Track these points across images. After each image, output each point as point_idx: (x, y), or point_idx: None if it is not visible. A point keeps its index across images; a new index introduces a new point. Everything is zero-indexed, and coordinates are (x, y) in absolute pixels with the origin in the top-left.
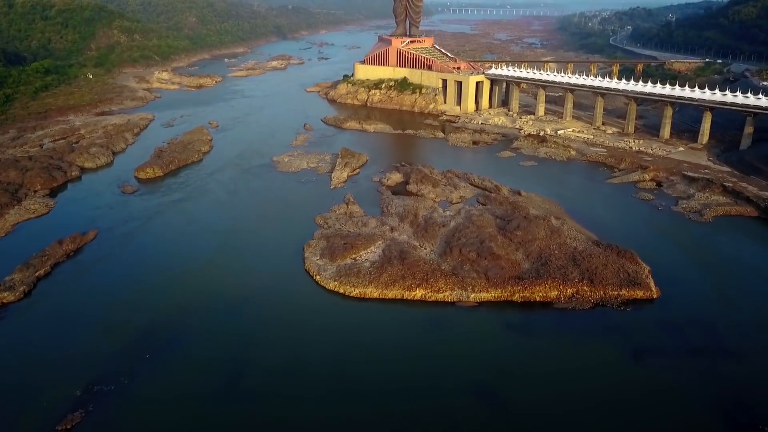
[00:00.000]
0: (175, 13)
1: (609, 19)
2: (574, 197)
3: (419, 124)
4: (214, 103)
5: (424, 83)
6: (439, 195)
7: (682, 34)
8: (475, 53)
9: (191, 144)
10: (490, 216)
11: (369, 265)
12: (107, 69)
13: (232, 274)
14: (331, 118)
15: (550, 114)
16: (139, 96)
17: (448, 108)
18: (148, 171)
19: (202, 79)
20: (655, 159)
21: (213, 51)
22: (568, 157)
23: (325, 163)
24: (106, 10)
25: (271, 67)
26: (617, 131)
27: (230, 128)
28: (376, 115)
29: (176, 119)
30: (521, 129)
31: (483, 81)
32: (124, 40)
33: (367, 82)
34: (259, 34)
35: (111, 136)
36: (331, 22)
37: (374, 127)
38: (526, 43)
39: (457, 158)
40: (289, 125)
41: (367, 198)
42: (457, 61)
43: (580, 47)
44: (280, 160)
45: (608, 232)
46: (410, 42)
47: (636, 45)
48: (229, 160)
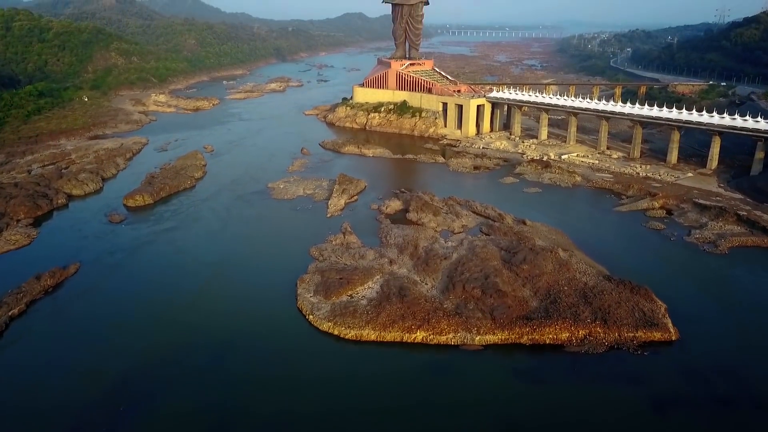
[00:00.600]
0: (175, 35)
1: (608, 41)
2: (581, 226)
3: (419, 149)
4: (210, 127)
5: (424, 106)
6: (440, 224)
7: (683, 57)
8: (475, 75)
9: (184, 169)
10: (494, 247)
11: (366, 302)
12: (103, 91)
13: (219, 313)
14: (329, 142)
15: (552, 137)
16: (134, 119)
17: (449, 132)
18: (137, 198)
19: (199, 102)
20: (663, 185)
21: (212, 73)
22: (574, 183)
23: (321, 190)
24: (104, 33)
25: (269, 90)
26: (623, 156)
27: (225, 153)
28: (376, 138)
29: (171, 143)
30: (524, 153)
31: (484, 104)
32: (122, 63)
33: (366, 106)
34: (259, 56)
35: (102, 161)
36: (331, 44)
37: (373, 151)
38: (525, 64)
39: (458, 184)
40: (286, 149)
41: (365, 227)
42: (457, 83)
43: (580, 69)
44: (275, 186)
45: (619, 265)
46: (410, 65)
47: (637, 67)
48: (222, 187)
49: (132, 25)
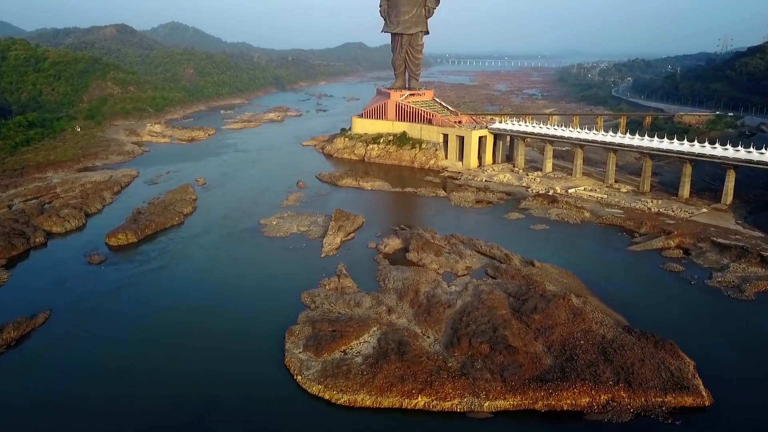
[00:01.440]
0: (173, 65)
1: (608, 70)
2: (593, 268)
3: (419, 181)
4: (205, 158)
5: (425, 138)
6: (442, 265)
7: (687, 86)
8: (476, 105)
9: (173, 204)
10: (501, 293)
11: (361, 360)
12: (97, 122)
13: (198, 370)
14: (326, 174)
15: (558, 169)
16: (126, 150)
17: (450, 164)
18: (120, 237)
19: (195, 132)
20: (677, 222)
21: (210, 102)
22: (582, 220)
23: (316, 227)
24: (101, 62)
25: (267, 119)
26: (632, 189)
27: (218, 186)
28: (374, 170)
29: (162, 175)
30: (529, 187)
31: (486, 135)
32: (118, 92)
33: (365, 137)
34: (258, 85)
35: (88, 196)
36: (331, 73)
37: (371, 184)
38: (526, 94)
39: (460, 220)
40: (282, 182)
41: (362, 268)
42: (458, 114)
43: (581, 98)
44: (268, 222)
45: (637, 313)
46: (410, 95)
47: (640, 96)
48: (212, 223)
49: (131, 54)
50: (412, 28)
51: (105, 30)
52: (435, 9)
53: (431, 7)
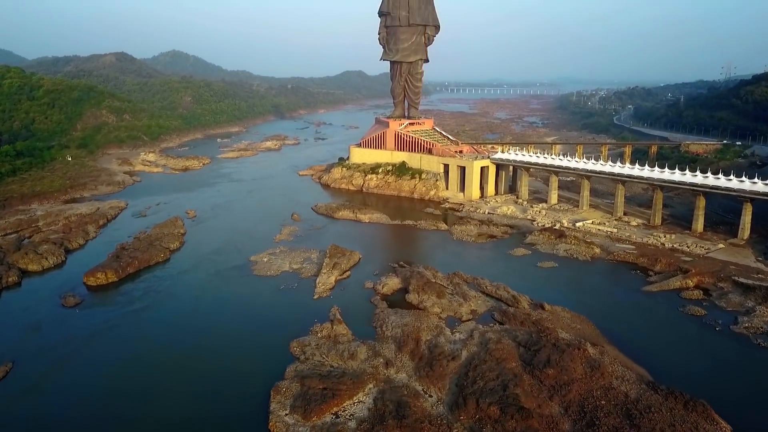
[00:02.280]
0: (171, 92)
1: (608, 98)
2: (607, 311)
3: (419, 213)
4: (197, 189)
5: (425, 168)
6: (445, 308)
7: (692, 114)
8: (476, 133)
9: (159, 239)
10: (510, 342)
11: (355, 425)
12: (90, 150)
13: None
14: (322, 206)
15: (563, 201)
16: (116, 180)
17: (451, 195)
18: (99, 276)
19: (189, 161)
20: (694, 259)
21: (207, 130)
22: (592, 256)
23: (310, 264)
24: (96, 90)
25: (264, 148)
26: (642, 223)
27: (209, 219)
28: (373, 201)
29: (151, 207)
30: (534, 220)
31: (488, 166)
32: (113, 120)
33: (363, 166)
34: (256, 113)
35: (70, 230)
36: (330, 101)
37: (369, 216)
38: (526, 122)
39: (463, 256)
40: (276, 214)
41: (358, 312)
42: (459, 144)
43: (583, 126)
44: (258, 260)
45: (660, 365)
46: (409, 124)
47: (643, 125)
48: (200, 260)
49: (129, 82)
50: (411, 56)
51: (104, 58)
52: (435, 36)
53: (431, 35)
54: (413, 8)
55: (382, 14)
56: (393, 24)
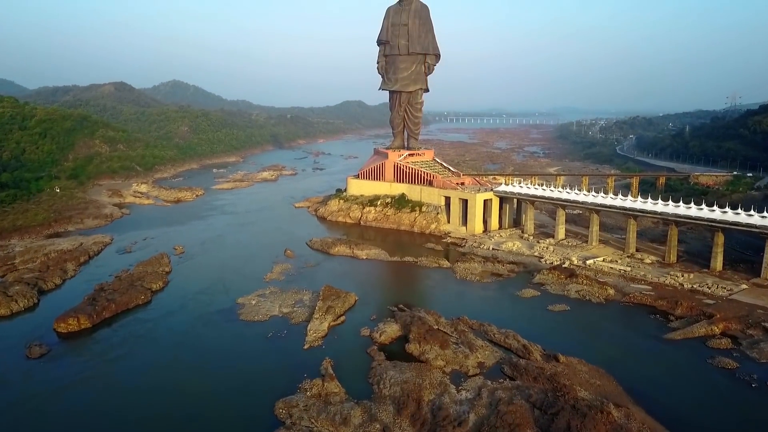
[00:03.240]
0: (168, 122)
1: (609, 128)
2: (628, 363)
3: (420, 249)
4: (188, 222)
5: (425, 200)
6: (449, 361)
7: (698, 145)
8: (476, 163)
9: (142, 279)
10: (523, 402)
11: None
12: (80, 182)
13: None
14: (317, 241)
15: (570, 235)
16: (104, 213)
17: (453, 228)
18: (70, 322)
19: (182, 193)
20: (717, 302)
21: (203, 160)
22: (606, 298)
23: (302, 307)
24: (90, 120)
25: (260, 179)
26: (656, 260)
27: (197, 255)
28: (371, 235)
29: (137, 243)
30: (542, 257)
31: (491, 198)
32: (106, 150)
33: (361, 199)
34: (255, 142)
35: (47, 268)
36: (330, 131)
37: (367, 252)
38: (527, 152)
39: (467, 298)
40: (268, 250)
41: (353, 364)
42: (460, 175)
43: (585, 157)
44: (246, 302)
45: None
46: (408, 155)
47: (647, 155)
48: (183, 302)
49: (126, 112)
50: (411, 86)
51: (103, 88)
52: (435, 66)
53: (431, 64)
54: (413, 36)
55: (380, 43)
56: (392, 53)
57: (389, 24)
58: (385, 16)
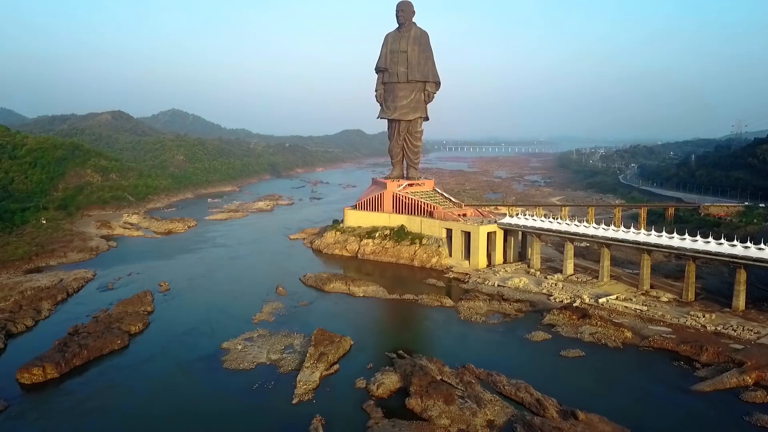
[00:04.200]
0: (163, 151)
1: (610, 156)
2: (656, 421)
3: (420, 285)
4: (177, 255)
5: (425, 232)
6: (455, 419)
7: (705, 174)
8: (477, 192)
9: (120, 321)
10: None
11: None
12: (69, 212)
13: None
14: (311, 276)
15: (579, 270)
16: (90, 246)
17: (455, 263)
18: (35, 372)
19: (173, 224)
20: (745, 346)
21: (198, 190)
22: (624, 341)
23: (292, 353)
24: (82, 149)
25: (256, 209)
26: (673, 298)
27: (182, 293)
28: (368, 269)
29: (121, 278)
30: (551, 295)
31: (495, 231)
32: (98, 180)
33: (359, 230)
34: (252, 171)
35: (20, 308)
36: (328, 159)
37: (364, 289)
38: (528, 181)
39: (473, 342)
40: (259, 287)
41: (347, 423)
42: (462, 206)
43: (587, 186)
44: (232, 347)
45: None
46: (408, 185)
47: (652, 184)
48: (163, 347)
49: (122, 140)
50: (410, 114)
51: (100, 116)
52: (435, 94)
53: (431, 92)
54: (412, 64)
55: (379, 70)
56: (391, 80)
57: (388, 51)
58: (384, 43)
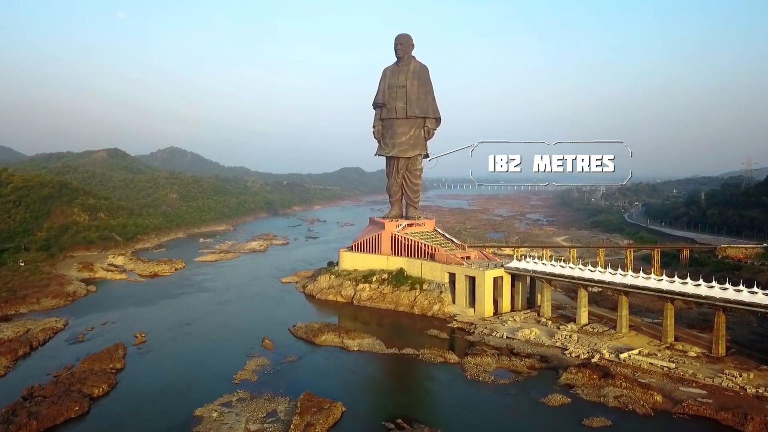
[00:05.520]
0: (156, 189)
1: (611, 194)
2: None
3: (421, 337)
4: (160, 301)
5: (426, 277)
6: None
7: (717, 213)
8: (478, 231)
9: (83, 381)
10: None
11: None
12: (51, 254)
13: None
14: (302, 327)
15: (593, 319)
16: (66, 291)
17: (459, 310)
18: None
19: (159, 266)
20: None
21: (191, 229)
22: (653, 406)
23: (275, 422)
24: (69, 187)
25: (248, 249)
26: (702, 352)
27: (159, 345)
28: (365, 317)
29: (95, 328)
30: (565, 348)
31: (502, 276)
32: (85, 219)
33: (355, 274)
34: (248, 210)
35: None
36: (327, 197)
37: (359, 342)
38: (530, 219)
39: (481, 407)
40: (244, 339)
41: None
42: (465, 248)
43: (592, 225)
44: (206, 414)
45: None
46: (407, 225)
47: (660, 224)
48: (127, 414)
49: (115, 179)
50: (409, 151)
51: (96, 154)
52: (435, 130)
53: (431, 128)
54: (411, 99)
55: (377, 106)
56: (389, 116)
57: (386, 86)
58: (382, 78)
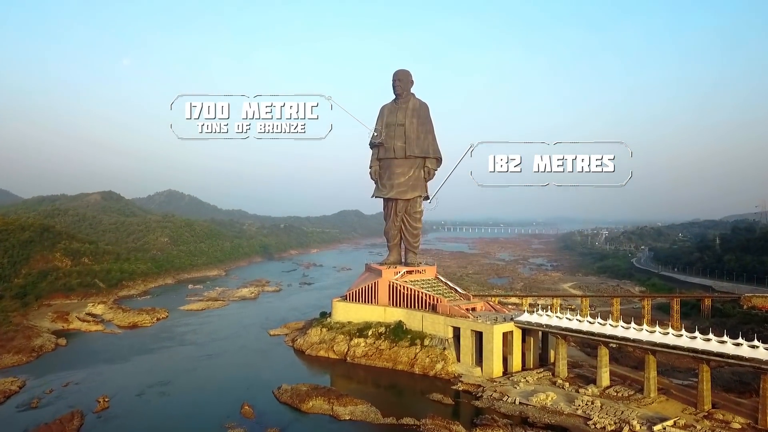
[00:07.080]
0: (147, 232)
1: (617, 238)
2: None
3: (422, 402)
4: (133, 357)
5: (428, 331)
6: None
7: (734, 259)
8: (480, 277)
9: None
10: None
11: None
12: (26, 302)
13: None
14: (287, 389)
15: (615, 380)
16: (32, 345)
17: (464, 370)
18: None
19: (140, 316)
20: None
21: (180, 274)
22: None
23: None
24: (52, 231)
25: (238, 297)
26: (746, 423)
27: (123, 412)
28: (359, 377)
29: (54, 390)
30: (589, 418)
31: (512, 331)
32: (66, 265)
33: (349, 327)
34: (242, 254)
35: None
36: (324, 240)
37: (351, 409)
38: (533, 264)
39: None
40: (221, 404)
41: None
42: (470, 298)
43: (599, 270)
44: None
45: None
46: (406, 272)
47: (672, 269)
48: None
49: (106, 222)
50: (408, 193)
51: (90, 197)
52: (436, 171)
53: (431, 169)
54: (410, 138)
55: (374, 145)
56: (387, 156)
57: (383, 124)
58: (379, 116)
